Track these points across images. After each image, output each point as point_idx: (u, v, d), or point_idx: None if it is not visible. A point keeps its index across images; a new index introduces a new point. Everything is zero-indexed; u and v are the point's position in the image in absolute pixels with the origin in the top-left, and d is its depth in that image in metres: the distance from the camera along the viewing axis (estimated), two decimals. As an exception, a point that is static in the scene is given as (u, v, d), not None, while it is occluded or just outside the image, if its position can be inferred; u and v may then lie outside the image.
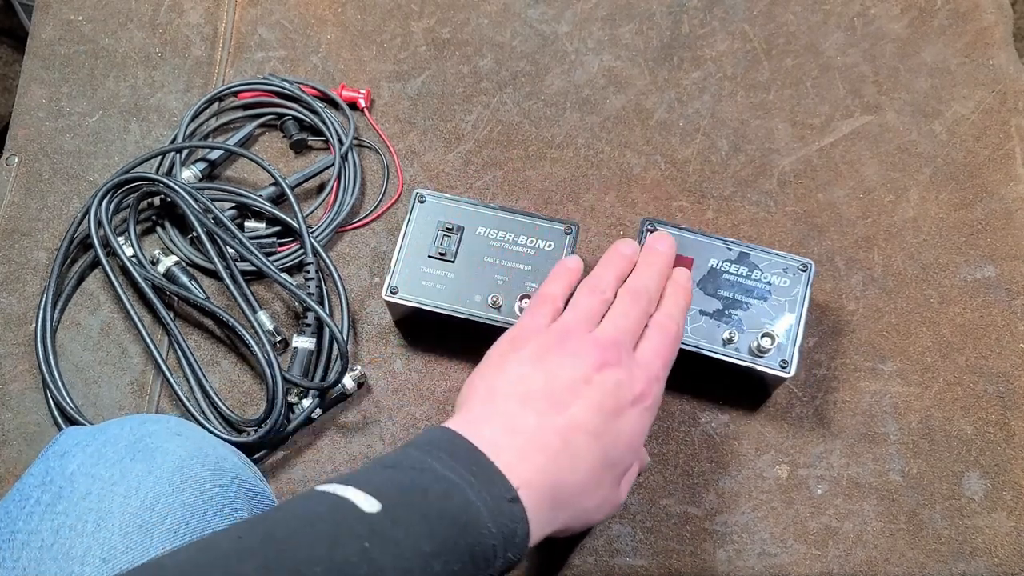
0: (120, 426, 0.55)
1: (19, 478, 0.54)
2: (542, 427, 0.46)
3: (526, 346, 0.51)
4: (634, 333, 0.53)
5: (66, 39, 0.87)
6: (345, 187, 0.79)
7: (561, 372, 0.49)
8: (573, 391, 0.47)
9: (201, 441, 0.56)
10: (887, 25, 0.86)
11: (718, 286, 0.68)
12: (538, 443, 0.45)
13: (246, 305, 0.72)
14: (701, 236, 0.69)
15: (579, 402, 0.47)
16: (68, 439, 0.55)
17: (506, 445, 0.44)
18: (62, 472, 0.51)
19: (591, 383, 0.48)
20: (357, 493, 0.38)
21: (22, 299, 0.76)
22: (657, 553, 0.68)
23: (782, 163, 0.81)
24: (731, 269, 0.68)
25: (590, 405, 0.47)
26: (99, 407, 0.72)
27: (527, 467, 0.43)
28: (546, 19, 0.88)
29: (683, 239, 0.68)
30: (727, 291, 0.68)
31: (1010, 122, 0.82)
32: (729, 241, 0.69)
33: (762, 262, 0.68)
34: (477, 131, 0.83)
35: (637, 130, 0.83)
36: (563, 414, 0.46)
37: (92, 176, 0.81)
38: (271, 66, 0.86)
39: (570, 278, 0.58)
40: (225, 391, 0.73)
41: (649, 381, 0.50)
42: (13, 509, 0.50)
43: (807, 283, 0.68)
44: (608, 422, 0.47)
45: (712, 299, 0.67)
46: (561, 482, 0.45)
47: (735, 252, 0.68)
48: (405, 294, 0.68)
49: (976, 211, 0.78)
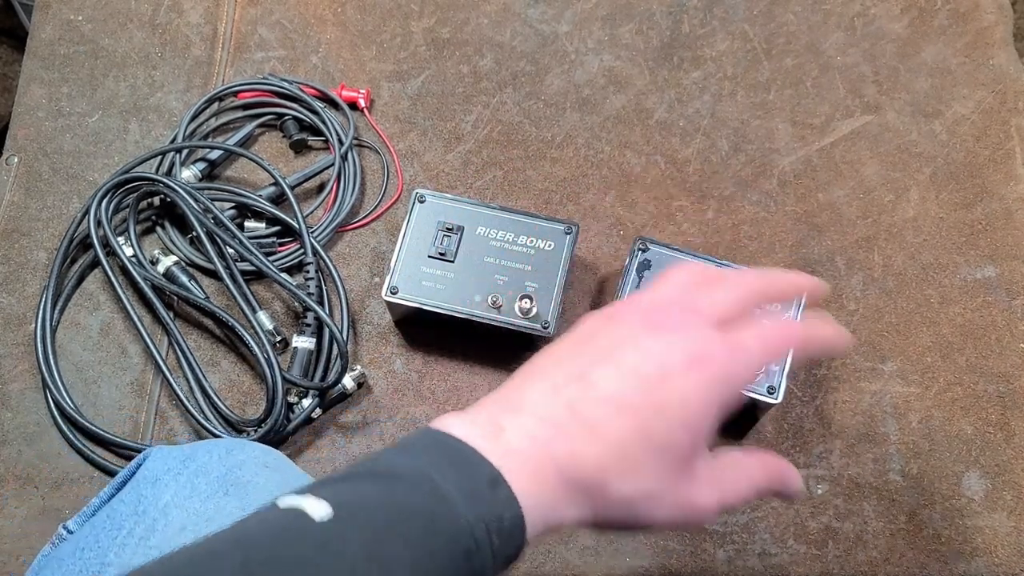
0: (208, 454, 0.54)
1: (105, 500, 0.54)
2: (547, 398, 0.38)
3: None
4: (725, 310, 0.41)
5: (66, 39, 0.87)
6: (345, 187, 0.79)
7: (595, 339, 0.40)
8: (602, 356, 0.39)
9: (287, 472, 0.56)
10: (887, 25, 0.86)
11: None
12: (538, 414, 0.37)
13: (246, 305, 0.72)
14: (694, 257, 0.70)
15: (605, 368, 0.38)
16: (157, 464, 0.53)
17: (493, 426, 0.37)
18: (155, 503, 0.50)
19: (627, 346, 0.39)
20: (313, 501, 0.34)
21: (22, 299, 0.76)
22: (657, 553, 0.68)
23: (782, 163, 0.81)
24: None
25: (620, 370, 0.38)
26: (99, 407, 0.72)
27: (519, 443, 0.36)
28: (546, 19, 0.88)
29: (674, 259, 0.70)
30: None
31: (1010, 122, 0.82)
32: (722, 262, 0.69)
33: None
34: (477, 131, 0.83)
35: (637, 130, 0.83)
36: (579, 383, 0.38)
37: (92, 176, 0.81)
38: (271, 66, 0.86)
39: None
40: (225, 391, 0.73)
41: (718, 344, 0.38)
42: (104, 538, 0.49)
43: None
44: (647, 390, 0.37)
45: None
46: (574, 457, 0.36)
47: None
48: (405, 294, 0.68)
49: (976, 211, 0.78)
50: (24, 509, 0.69)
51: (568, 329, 0.41)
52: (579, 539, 0.68)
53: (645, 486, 0.37)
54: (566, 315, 0.75)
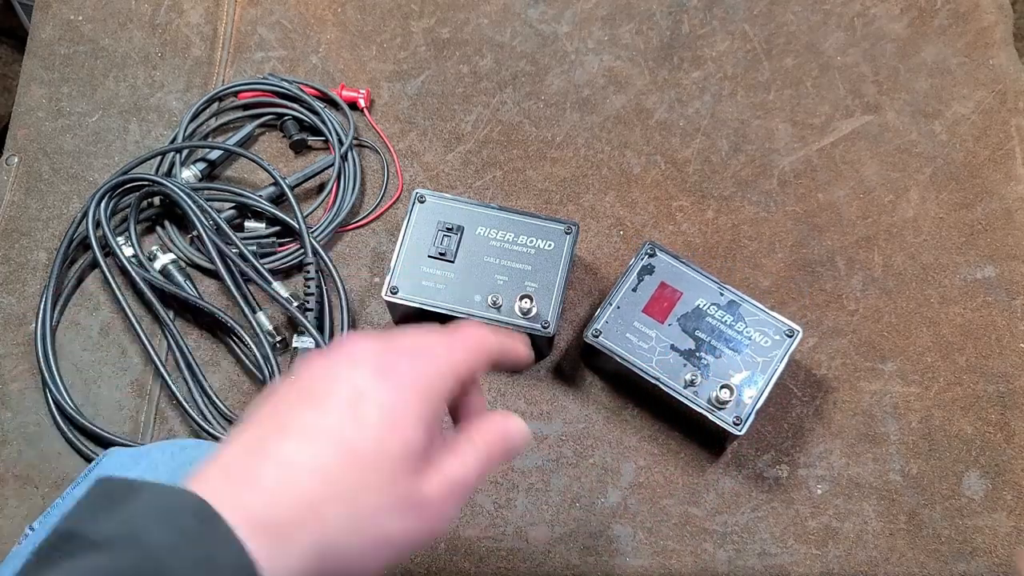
0: (161, 452, 0.54)
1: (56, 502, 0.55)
2: (258, 452, 0.35)
3: None
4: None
5: (66, 39, 0.87)
6: (345, 187, 0.79)
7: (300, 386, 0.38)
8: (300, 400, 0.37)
9: None
10: (887, 25, 0.86)
11: (697, 326, 0.67)
12: (253, 457, 0.34)
13: (246, 305, 0.72)
14: (697, 273, 0.69)
15: (302, 409, 0.36)
16: (112, 463, 0.54)
17: (215, 486, 0.33)
18: None
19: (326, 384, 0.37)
20: None
21: (22, 299, 0.76)
22: (657, 553, 0.68)
23: (782, 163, 0.81)
24: (716, 314, 0.67)
25: (317, 405, 0.36)
26: (99, 407, 0.72)
27: (230, 493, 0.33)
28: (546, 19, 0.88)
29: (677, 271, 0.69)
30: (705, 334, 0.67)
31: (1010, 122, 0.81)
32: (723, 286, 0.68)
33: (749, 316, 0.67)
34: (477, 131, 0.83)
35: (637, 130, 0.83)
36: (280, 428, 0.35)
37: (92, 176, 0.81)
38: (271, 66, 0.86)
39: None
40: (225, 391, 0.73)
41: (406, 355, 0.37)
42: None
43: (788, 349, 0.66)
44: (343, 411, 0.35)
45: (687, 337, 0.67)
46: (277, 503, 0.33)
47: (725, 299, 0.68)
48: (405, 294, 0.68)
49: (976, 211, 0.78)
50: (24, 509, 0.69)
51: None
52: (579, 539, 0.68)
53: (369, 503, 0.34)
54: (566, 315, 0.75)
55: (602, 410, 0.72)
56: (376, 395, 0.35)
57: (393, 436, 0.35)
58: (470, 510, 0.69)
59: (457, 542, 0.68)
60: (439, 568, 0.67)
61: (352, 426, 0.34)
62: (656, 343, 0.67)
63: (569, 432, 0.71)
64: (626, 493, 0.69)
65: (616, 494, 0.69)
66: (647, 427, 0.71)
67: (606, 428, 0.72)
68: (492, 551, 0.68)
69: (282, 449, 0.34)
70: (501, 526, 0.69)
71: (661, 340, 0.67)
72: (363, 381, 0.35)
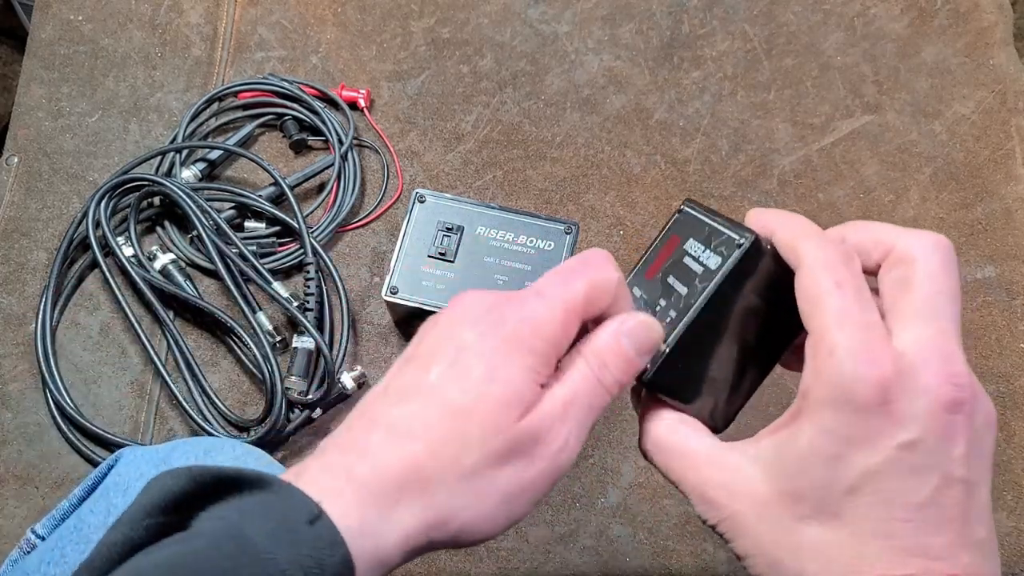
0: (185, 456, 0.51)
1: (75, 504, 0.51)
2: (353, 422, 0.34)
3: None
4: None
5: (66, 39, 0.87)
6: (345, 187, 0.79)
7: (410, 352, 0.36)
8: (405, 361, 0.35)
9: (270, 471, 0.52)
10: (887, 25, 0.86)
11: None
12: (340, 444, 0.33)
13: (246, 305, 0.72)
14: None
15: (404, 369, 0.35)
16: (130, 469, 0.50)
17: (317, 459, 0.33)
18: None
19: (427, 341, 0.35)
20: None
21: (22, 299, 0.76)
22: (658, 553, 0.68)
23: (782, 163, 0.81)
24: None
25: (416, 363, 0.34)
26: (99, 407, 0.72)
27: (320, 479, 0.32)
28: (546, 19, 0.88)
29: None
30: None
31: (1010, 122, 0.81)
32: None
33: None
34: (477, 131, 0.83)
35: (637, 130, 0.83)
36: (382, 396, 0.34)
37: (92, 176, 0.81)
38: (271, 66, 0.86)
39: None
40: (225, 391, 0.73)
41: (504, 301, 0.34)
42: (71, 552, 0.47)
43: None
44: (445, 368, 0.34)
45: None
46: (375, 469, 0.32)
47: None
48: (405, 294, 0.68)
49: (976, 211, 0.78)
50: (24, 509, 0.69)
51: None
52: (579, 539, 0.68)
53: (472, 458, 0.32)
54: (566, 315, 0.75)
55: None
56: (478, 347, 0.33)
57: (493, 387, 0.33)
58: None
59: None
60: (439, 568, 0.67)
61: (453, 382, 0.33)
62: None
63: (569, 432, 0.71)
64: (626, 493, 0.69)
65: (616, 494, 0.69)
66: (647, 427, 0.71)
67: (606, 428, 0.72)
68: (492, 551, 0.68)
69: (389, 413, 0.33)
70: (501, 526, 0.69)
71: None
72: (467, 335, 0.34)
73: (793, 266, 0.33)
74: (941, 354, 0.29)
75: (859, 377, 0.28)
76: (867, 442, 0.29)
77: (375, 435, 0.32)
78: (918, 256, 0.32)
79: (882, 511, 0.29)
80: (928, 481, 0.29)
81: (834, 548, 0.30)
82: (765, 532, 0.32)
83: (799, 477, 0.30)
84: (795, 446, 0.30)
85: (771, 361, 0.36)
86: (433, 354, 0.34)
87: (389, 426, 0.33)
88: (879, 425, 0.29)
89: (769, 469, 0.32)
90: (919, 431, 0.28)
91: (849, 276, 0.31)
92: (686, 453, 0.35)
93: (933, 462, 0.29)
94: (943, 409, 0.29)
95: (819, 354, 0.30)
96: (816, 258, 0.32)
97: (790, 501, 0.31)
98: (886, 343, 0.29)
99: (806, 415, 0.30)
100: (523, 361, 0.33)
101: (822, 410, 0.29)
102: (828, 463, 0.29)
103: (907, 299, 0.31)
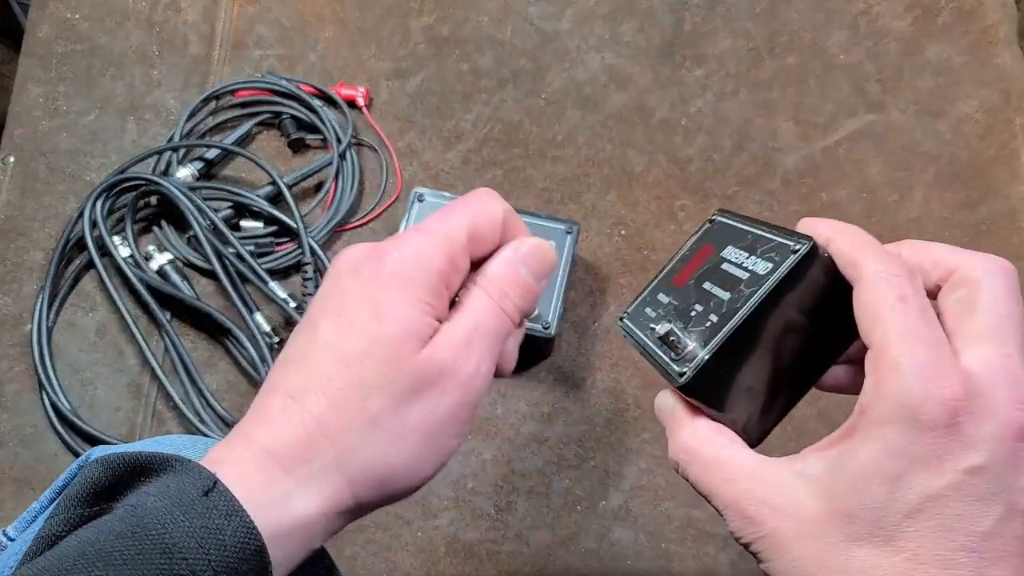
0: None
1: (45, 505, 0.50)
2: (262, 391, 0.33)
3: None
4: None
5: (63, 37, 0.86)
6: (343, 186, 0.79)
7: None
8: (310, 316, 0.35)
9: None
10: (891, 23, 0.86)
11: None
12: (248, 413, 0.33)
13: (243, 306, 0.71)
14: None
15: (306, 324, 0.34)
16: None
17: (219, 443, 0.33)
18: None
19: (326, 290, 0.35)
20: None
21: (18, 300, 0.75)
22: (659, 556, 0.67)
23: (785, 162, 0.80)
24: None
25: (311, 312, 0.34)
26: (95, 408, 0.72)
27: (220, 451, 0.31)
28: (547, 17, 0.87)
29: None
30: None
31: (1015, 121, 0.81)
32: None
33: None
34: (477, 130, 0.82)
35: (639, 128, 0.82)
36: (285, 356, 0.34)
37: (89, 175, 0.80)
38: (269, 64, 0.85)
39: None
40: (222, 392, 0.72)
41: (385, 242, 0.34)
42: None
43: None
44: (323, 309, 0.33)
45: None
46: (276, 432, 0.31)
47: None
48: (404, 294, 0.68)
49: (981, 211, 0.78)
50: (20, 511, 0.68)
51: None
52: (580, 542, 0.67)
53: (377, 402, 0.31)
54: (567, 315, 0.74)
55: (604, 412, 0.71)
56: (360, 292, 0.33)
57: (383, 326, 0.32)
58: (470, 513, 0.68)
59: (457, 545, 0.68)
60: (439, 572, 0.67)
61: (343, 332, 0.32)
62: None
63: (571, 434, 0.71)
64: (628, 496, 0.69)
65: (618, 497, 0.69)
66: (649, 429, 0.70)
67: (607, 430, 0.71)
68: (493, 554, 0.67)
69: (287, 378, 0.32)
70: (502, 529, 0.68)
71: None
72: (348, 283, 0.33)
73: (851, 278, 0.31)
74: (1010, 378, 0.28)
75: (927, 395, 0.27)
76: (932, 464, 0.27)
77: (274, 400, 0.32)
78: (983, 278, 0.31)
79: (943, 538, 0.28)
80: (993, 510, 0.27)
81: (886, 573, 0.28)
82: (809, 553, 0.30)
83: (855, 496, 0.29)
84: (852, 463, 0.29)
85: (814, 376, 0.35)
86: (321, 311, 0.33)
87: (289, 389, 0.32)
88: (946, 446, 0.27)
89: (819, 486, 0.30)
90: (987, 456, 0.27)
91: (912, 291, 0.30)
92: (724, 464, 0.33)
93: (998, 490, 0.27)
94: (1012, 435, 0.27)
95: (881, 370, 0.28)
96: (878, 271, 0.30)
97: (842, 521, 0.29)
98: (954, 362, 0.28)
99: (865, 432, 0.29)
100: (409, 294, 0.32)
101: (885, 427, 0.28)
102: (888, 483, 0.28)
103: (972, 320, 0.30)
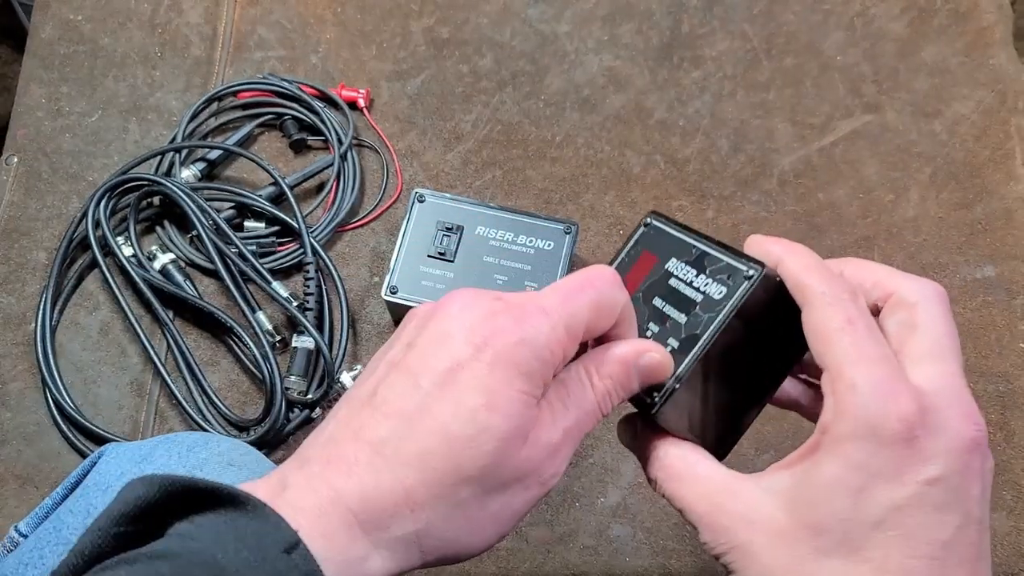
0: (167, 454, 0.49)
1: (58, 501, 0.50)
2: (338, 431, 0.32)
3: None
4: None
5: (65, 38, 0.87)
6: (344, 187, 0.79)
7: (392, 344, 0.35)
8: (393, 363, 0.33)
9: (255, 469, 0.51)
10: (887, 25, 0.86)
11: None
12: (325, 457, 0.32)
13: (245, 305, 0.72)
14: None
15: (393, 375, 0.33)
16: (111, 467, 0.48)
17: (277, 484, 0.31)
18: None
19: (411, 338, 0.34)
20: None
21: (21, 299, 0.76)
22: (657, 553, 0.67)
23: (782, 163, 0.81)
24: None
25: (407, 372, 0.32)
26: (98, 407, 0.72)
27: (302, 498, 0.30)
28: (546, 18, 0.88)
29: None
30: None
31: (1010, 122, 0.81)
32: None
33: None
34: (477, 131, 0.83)
35: (637, 129, 0.83)
36: (368, 403, 0.32)
37: (91, 176, 0.81)
38: (270, 65, 0.86)
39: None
40: (225, 390, 0.73)
41: (502, 311, 0.32)
42: (49, 554, 0.45)
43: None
44: (438, 387, 0.31)
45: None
46: (364, 496, 0.30)
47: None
48: (405, 294, 0.68)
49: (976, 211, 0.78)
50: (24, 509, 0.69)
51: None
52: (579, 539, 0.68)
53: (468, 491, 0.31)
54: (566, 315, 0.75)
55: (602, 410, 0.72)
56: (474, 367, 0.31)
57: (493, 419, 0.31)
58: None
59: (457, 542, 0.68)
60: (439, 569, 0.67)
61: (448, 406, 0.31)
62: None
63: (569, 432, 0.71)
64: (626, 493, 0.69)
65: (616, 494, 0.69)
66: (647, 427, 0.71)
67: (605, 428, 0.72)
68: (491, 551, 0.68)
69: (377, 429, 0.31)
70: (501, 526, 0.69)
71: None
72: (461, 347, 0.31)
73: (798, 300, 0.33)
74: (958, 395, 0.30)
75: (886, 413, 0.29)
76: (893, 476, 0.29)
77: (363, 453, 0.31)
78: (920, 302, 0.32)
79: (906, 547, 0.29)
80: (951, 519, 0.29)
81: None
82: (779, 564, 0.31)
83: (822, 509, 0.30)
84: (817, 478, 0.30)
85: (772, 388, 0.36)
86: (424, 363, 0.32)
87: (379, 444, 0.31)
88: (905, 460, 0.29)
89: (788, 500, 0.31)
90: (943, 468, 0.29)
91: (858, 312, 0.31)
92: (697, 479, 0.34)
93: (955, 500, 0.29)
94: (964, 448, 0.29)
95: (839, 391, 0.30)
96: (824, 293, 0.32)
97: (811, 533, 0.30)
98: (905, 379, 0.30)
99: (828, 449, 0.30)
100: (522, 386, 0.31)
101: (846, 444, 0.29)
102: (853, 496, 0.29)
103: (915, 342, 0.32)
